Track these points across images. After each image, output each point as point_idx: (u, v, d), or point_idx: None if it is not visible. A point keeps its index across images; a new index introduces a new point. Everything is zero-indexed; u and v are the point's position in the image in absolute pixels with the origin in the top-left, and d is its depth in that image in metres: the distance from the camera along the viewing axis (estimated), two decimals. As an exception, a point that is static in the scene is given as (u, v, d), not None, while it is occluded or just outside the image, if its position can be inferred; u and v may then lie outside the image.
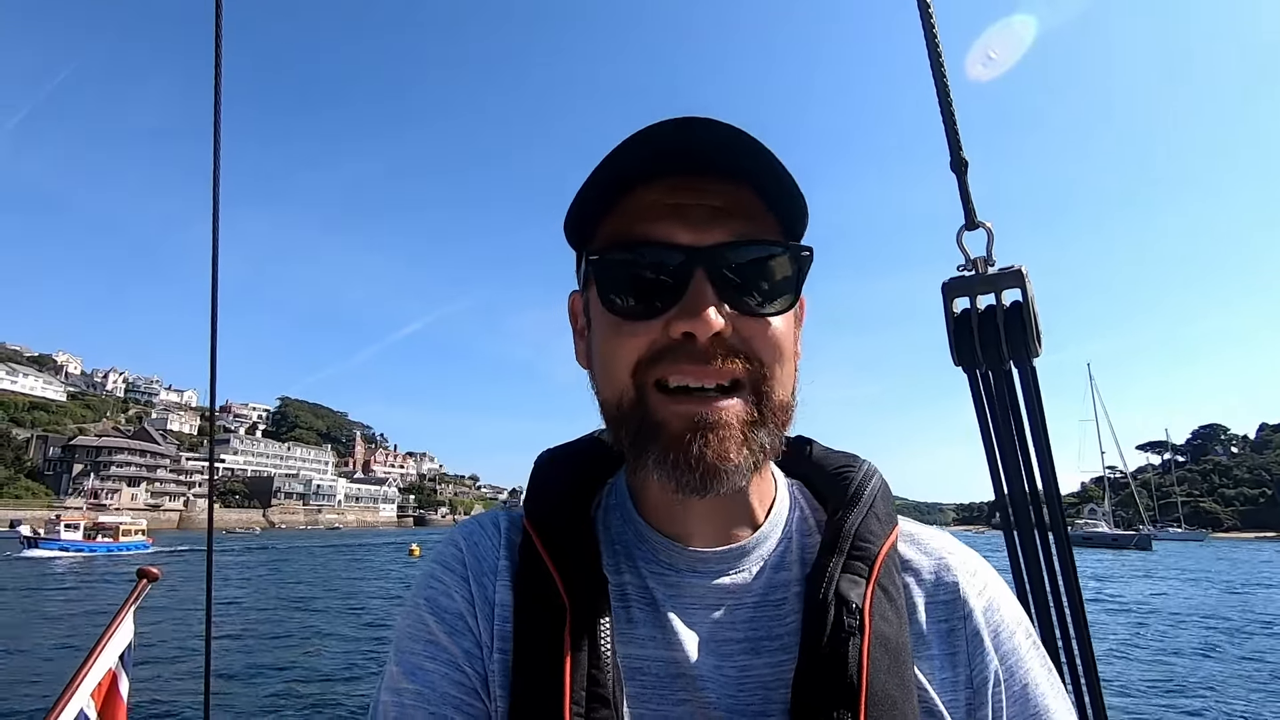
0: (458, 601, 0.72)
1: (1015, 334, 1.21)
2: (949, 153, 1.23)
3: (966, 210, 1.24)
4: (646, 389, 0.66)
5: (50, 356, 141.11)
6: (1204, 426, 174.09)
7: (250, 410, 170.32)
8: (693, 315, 0.62)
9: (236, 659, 13.70)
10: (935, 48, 1.23)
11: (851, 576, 0.67)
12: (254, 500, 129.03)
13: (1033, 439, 1.23)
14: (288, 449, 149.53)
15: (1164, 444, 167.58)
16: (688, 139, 0.63)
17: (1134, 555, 56.21)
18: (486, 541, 0.76)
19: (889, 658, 0.64)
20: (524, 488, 0.79)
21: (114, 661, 2.58)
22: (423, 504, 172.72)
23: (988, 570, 0.77)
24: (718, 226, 0.65)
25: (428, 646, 0.70)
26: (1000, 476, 1.25)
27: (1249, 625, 19.88)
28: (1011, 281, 1.22)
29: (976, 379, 1.27)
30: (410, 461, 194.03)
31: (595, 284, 0.70)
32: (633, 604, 0.72)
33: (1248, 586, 32.25)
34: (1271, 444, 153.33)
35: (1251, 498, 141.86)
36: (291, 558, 47.76)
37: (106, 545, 52.29)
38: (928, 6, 1.23)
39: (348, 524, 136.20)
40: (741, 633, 0.70)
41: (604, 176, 0.66)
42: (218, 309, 2.12)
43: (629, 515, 0.77)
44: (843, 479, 0.77)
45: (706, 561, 0.72)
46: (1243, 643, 16.98)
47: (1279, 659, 14.85)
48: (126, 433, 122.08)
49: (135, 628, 2.71)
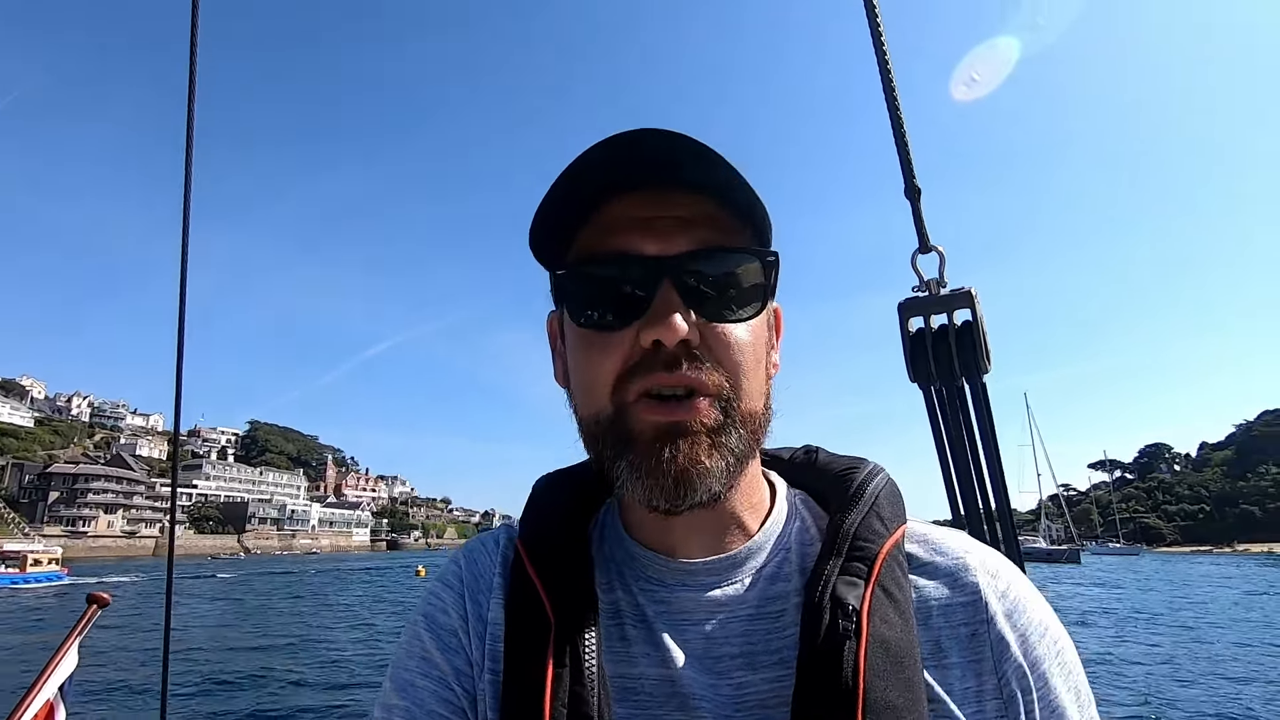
0: (453, 618, 0.71)
1: (966, 351, 1.25)
2: (903, 180, 1.28)
3: (920, 234, 1.29)
4: (623, 406, 0.64)
5: (15, 381, 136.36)
6: (1149, 446, 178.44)
7: (219, 434, 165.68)
8: (659, 322, 0.62)
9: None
10: (889, 80, 1.27)
11: (849, 578, 0.63)
12: (228, 526, 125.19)
13: (984, 450, 1.26)
14: (260, 473, 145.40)
15: (1114, 462, 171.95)
16: (651, 153, 0.62)
17: (1064, 568, 61.10)
18: (485, 559, 0.75)
19: (890, 662, 0.59)
20: (496, 511, 0.88)
21: (53, 692, 2.46)
22: (395, 528, 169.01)
23: (1010, 570, 0.70)
24: (683, 236, 0.64)
25: (421, 663, 0.69)
26: (954, 487, 1.29)
27: (1120, 617, 24.41)
28: (962, 302, 1.26)
29: (931, 394, 1.31)
30: (382, 485, 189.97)
31: (566, 304, 0.69)
32: (626, 621, 0.69)
33: (1131, 589, 37.86)
34: (1210, 462, 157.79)
35: (1191, 513, 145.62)
36: (303, 581, 46.02)
37: (9, 578, 41.76)
38: (881, 41, 1.28)
39: (322, 549, 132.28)
40: (737, 647, 0.66)
41: (567, 193, 0.65)
42: (184, 329, 2.07)
43: (618, 533, 0.75)
44: (845, 480, 0.73)
45: (695, 574, 0.69)
46: (1100, 634, 20.42)
47: (1125, 647, 17.81)
48: (97, 459, 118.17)
49: (79, 657, 2.58)
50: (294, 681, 13.84)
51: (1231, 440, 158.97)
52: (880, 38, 1.28)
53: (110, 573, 55.01)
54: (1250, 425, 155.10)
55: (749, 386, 0.66)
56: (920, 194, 1.28)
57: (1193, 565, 70.90)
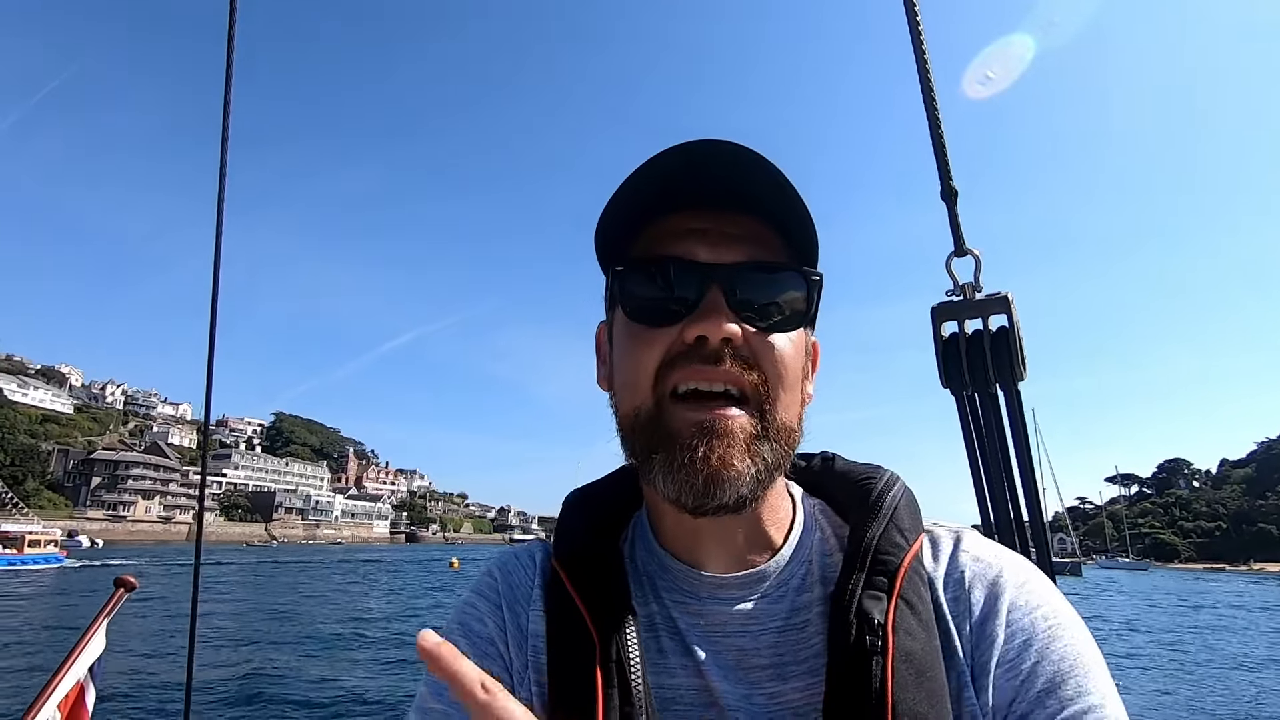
0: (489, 627, 0.72)
1: (1001, 358, 1.21)
2: (939, 182, 1.24)
3: (956, 237, 1.25)
4: (664, 400, 0.66)
5: (55, 369, 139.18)
6: (1168, 461, 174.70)
7: (246, 425, 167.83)
8: (705, 319, 0.65)
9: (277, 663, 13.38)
10: (928, 83, 1.24)
11: (873, 593, 0.65)
12: (256, 515, 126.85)
13: (1017, 459, 1.22)
14: (285, 464, 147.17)
15: (1132, 477, 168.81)
16: (721, 173, 0.66)
17: (1064, 580, 62.48)
18: (522, 572, 0.77)
19: (914, 674, 0.61)
20: (511, 507, 0.86)
21: (83, 673, 2.48)
22: (414, 521, 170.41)
23: (1017, 563, 0.71)
24: (735, 249, 0.68)
25: None
26: (986, 496, 1.24)
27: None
28: (998, 307, 1.22)
29: (963, 401, 1.26)
30: (401, 479, 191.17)
31: (620, 297, 0.71)
32: (661, 634, 0.71)
33: (1117, 604, 38.51)
34: (1230, 479, 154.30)
35: (1208, 530, 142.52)
36: (355, 570, 46.98)
37: (7, 559, 41.54)
38: (921, 43, 1.24)
39: (345, 539, 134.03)
40: (767, 658, 0.68)
41: (629, 206, 0.69)
42: (216, 319, 2.08)
43: (650, 546, 0.76)
44: (863, 490, 0.74)
45: (726, 588, 0.71)
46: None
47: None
48: (133, 446, 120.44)
49: (107, 640, 2.59)
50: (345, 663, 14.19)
51: (1253, 458, 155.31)
52: (919, 35, 1.24)
53: (135, 555, 56.40)
54: (1271, 443, 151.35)
55: (785, 399, 0.67)
56: (957, 195, 1.24)
57: (1201, 582, 69.69)
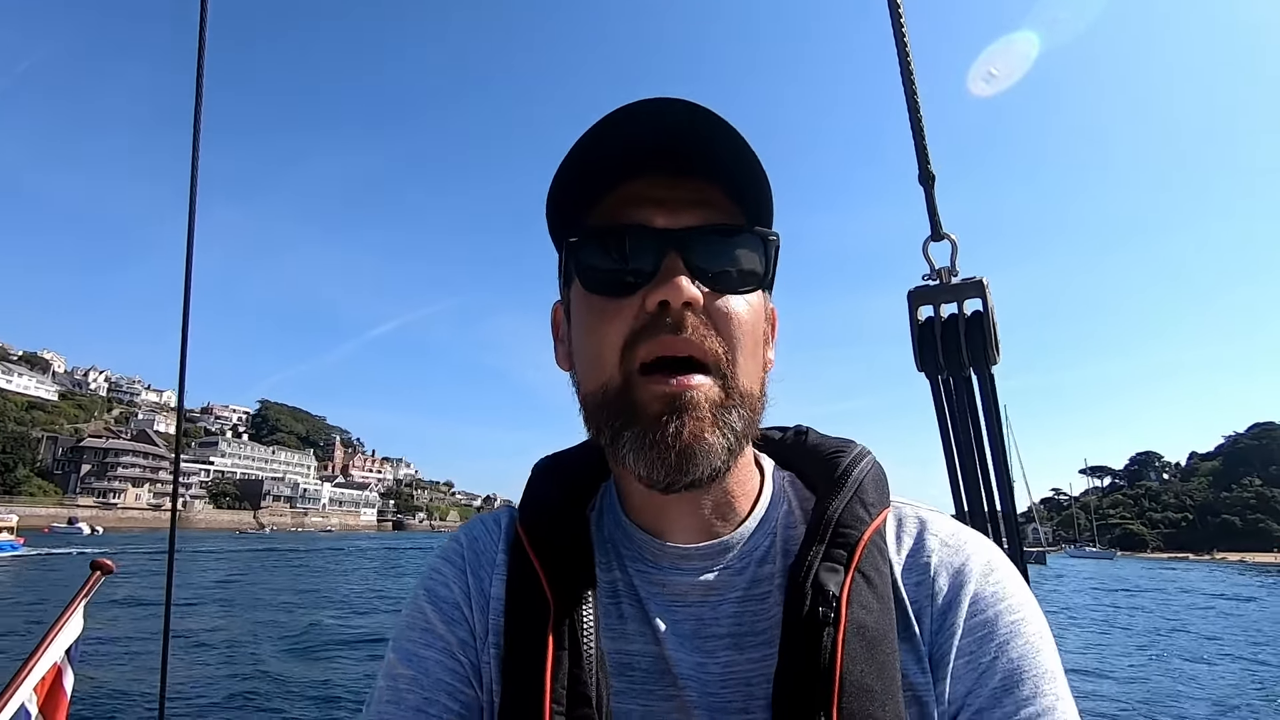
0: (454, 592, 0.72)
1: (976, 342, 1.21)
2: (918, 166, 1.23)
3: (933, 222, 1.24)
4: (632, 375, 0.65)
5: (38, 355, 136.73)
6: (1140, 454, 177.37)
7: (231, 412, 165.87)
8: (665, 284, 0.63)
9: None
10: (908, 68, 1.23)
11: (830, 565, 0.64)
12: (244, 502, 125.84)
13: (989, 442, 1.23)
14: (272, 453, 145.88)
15: (1104, 469, 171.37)
16: (673, 134, 0.64)
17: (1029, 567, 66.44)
18: (487, 537, 0.77)
19: (866, 647, 0.61)
20: (498, 495, 0.92)
21: (60, 655, 2.44)
22: (401, 509, 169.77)
23: (985, 551, 0.70)
24: (691, 213, 0.66)
25: (424, 634, 0.70)
26: (959, 480, 1.25)
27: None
28: (973, 291, 1.22)
29: (938, 384, 1.27)
30: (387, 467, 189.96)
31: (577, 270, 0.69)
32: (623, 601, 0.71)
33: (1066, 588, 39.61)
34: (1198, 472, 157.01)
35: (1175, 521, 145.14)
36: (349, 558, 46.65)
37: None
38: (901, 28, 1.23)
39: (333, 527, 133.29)
40: (725, 628, 0.68)
41: (585, 169, 0.67)
42: (189, 304, 2.05)
43: (617, 516, 0.76)
44: (832, 464, 0.73)
45: (689, 558, 0.70)
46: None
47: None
48: (119, 434, 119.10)
49: (85, 622, 2.56)
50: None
51: (1220, 451, 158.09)
52: (900, 22, 1.23)
53: (121, 543, 55.48)
54: (1239, 437, 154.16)
55: (746, 365, 0.66)
56: (934, 180, 1.24)
57: (1160, 570, 71.46)
